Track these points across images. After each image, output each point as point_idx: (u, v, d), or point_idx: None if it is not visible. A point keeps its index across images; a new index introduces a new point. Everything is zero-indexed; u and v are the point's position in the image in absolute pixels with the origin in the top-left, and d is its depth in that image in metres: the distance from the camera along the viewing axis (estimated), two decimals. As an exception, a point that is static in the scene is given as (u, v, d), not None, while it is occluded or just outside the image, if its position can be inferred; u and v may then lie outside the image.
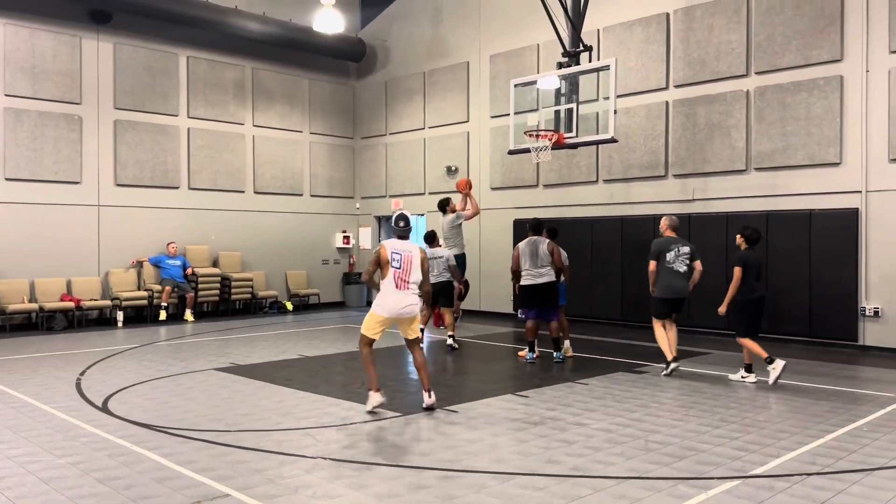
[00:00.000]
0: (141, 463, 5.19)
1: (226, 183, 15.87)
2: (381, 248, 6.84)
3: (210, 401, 7.25)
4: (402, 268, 6.72)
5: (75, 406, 6.99)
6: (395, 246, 6.81)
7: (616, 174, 13.27)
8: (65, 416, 6.56)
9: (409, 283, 6.75)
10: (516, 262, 9.55)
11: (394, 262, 6.71)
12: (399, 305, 6.72)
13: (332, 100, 17.92)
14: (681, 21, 12.39)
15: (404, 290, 6.74)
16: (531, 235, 9.59)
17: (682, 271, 8.73)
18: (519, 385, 8.02)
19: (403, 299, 6.73)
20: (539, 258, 9.37)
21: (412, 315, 6.83)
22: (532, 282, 9.39)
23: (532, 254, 9.41)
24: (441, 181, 16.35)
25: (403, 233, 6.98)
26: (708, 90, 12.09)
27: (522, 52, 14.62)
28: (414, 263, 6.77)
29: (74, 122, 13.73)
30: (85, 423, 6.32)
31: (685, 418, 6.52)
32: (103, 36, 14.16)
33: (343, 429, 6.18)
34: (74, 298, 13.24)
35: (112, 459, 5.27)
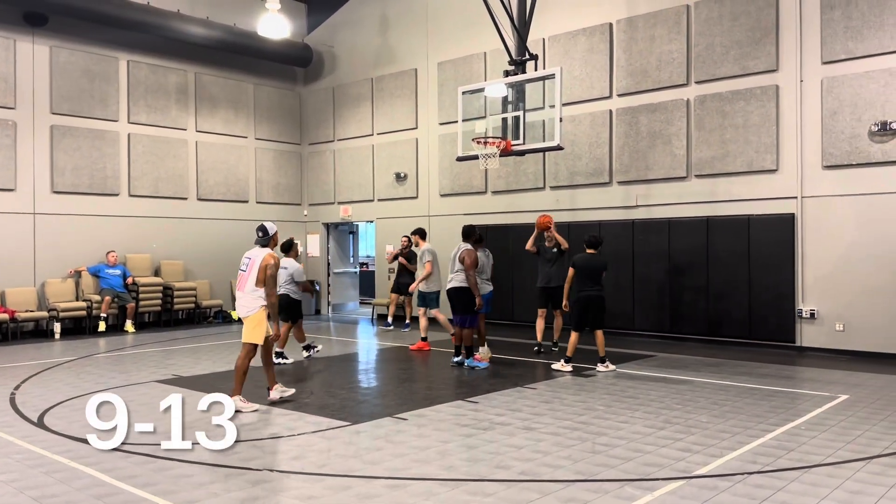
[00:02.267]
0: (79, 479, 5.02)
1: (168, 190, 15.50)
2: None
3: (151, 413, 7.03)
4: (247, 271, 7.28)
5: (9, 421, 6.72)
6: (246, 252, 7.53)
7: (562, 181, 13.45)
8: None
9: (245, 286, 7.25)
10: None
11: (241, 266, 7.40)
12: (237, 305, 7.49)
13: (279, 105, 17.70)
14: (623, 31, 12.66)
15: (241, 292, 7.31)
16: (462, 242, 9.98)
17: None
18: (469, 391, 8.04)
19: (239, 300, 7.40)
20: (454, 263, 9.81)
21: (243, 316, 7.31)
22: (447, 285, 9.93)
23: (453, 259, 9.86)
24: (390, 188, 16.30)
25: (260, 242, 7.51)
26: (650, 99, 12.37)
27: (470, 59, 14.72)
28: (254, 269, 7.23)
29: (8, 128, 13.22)
30: (19, 440, 6.07)
31: (631, 420, 6.63)
32: (39, 39, 13.69)
33: (290, 439, 6.08)
34: (8, 310, 12.73)
35: (49, 476, 5.08)
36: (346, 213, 17.31)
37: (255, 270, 7.16)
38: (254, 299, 7.18)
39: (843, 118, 10.51)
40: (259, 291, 7.16)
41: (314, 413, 7.01)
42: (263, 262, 7.15)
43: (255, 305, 7.18)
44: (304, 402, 7.56)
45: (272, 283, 7.14)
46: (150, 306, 14.68)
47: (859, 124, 10.36)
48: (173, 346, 12.11)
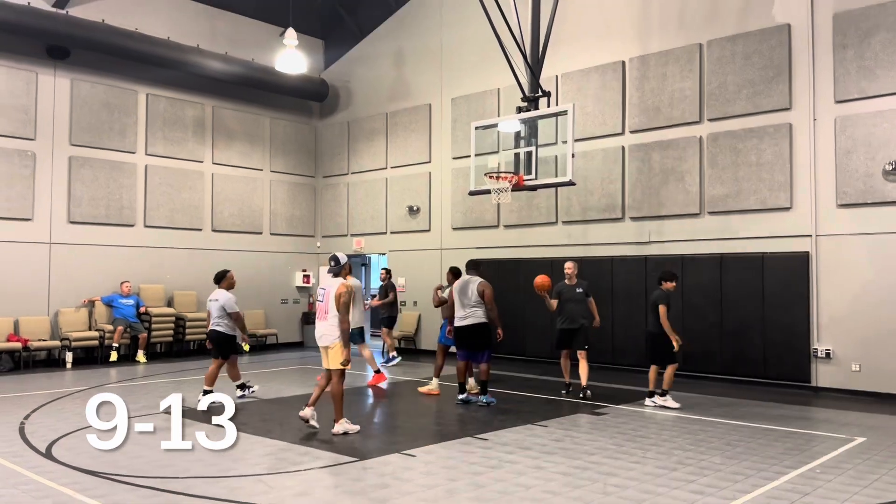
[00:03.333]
0: (84, 513, 4.99)
1: (183, 221, 15.65)
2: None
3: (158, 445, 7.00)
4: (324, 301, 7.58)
5: (18, 451, 6.71)
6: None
7: (575, 216, 13.46)
8: (5, 463, 6.29)
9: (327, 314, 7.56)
10: (450, 306, 9.84)
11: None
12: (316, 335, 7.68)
13: (294, 139, 17.91)
14: (636, 69, 12.76)
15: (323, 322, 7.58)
16: (466, 274, 9.77)
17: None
18: (478, 427, 7.95)
19: (320, 329, 7.61)
20: (467, 298, 9.40)
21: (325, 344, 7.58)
22: (461, 323, 9.44)
23: (461, 293, 9.47)
24: (403, 221, 16.37)
25: (333, 271, 7.81)
26: (662, 136, 12.41)
27: (483, 95, 14.86)
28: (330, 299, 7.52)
29: (27, 158, 13.45)
30: (27, 470, 6.06)
31: (643, 461, 6.53)
32: (61, 72, 13.98)
33: (297, 475, 6.03)
34: (22, 338, 12.80)
35: (53, 509, 5.05)
36: (359, 246, 17.37)
37: (333, 300, 7.49)
38: (336, 328, 7.49)
39: (857, 157, 10.48)
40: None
41: (321, 448, 6.96)
42: (336, 292, 7.45)
43: (337, 333, 7.49)
44: (310, 436, 7.50)
45: (344, 311, 7.48)
46: (163, 337, 14.72)
47: (873, 163, 10.32)
48: (183, 377, 12.11)
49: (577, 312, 9.93)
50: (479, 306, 9.35)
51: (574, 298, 10.01)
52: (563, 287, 10.11)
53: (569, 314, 9.96)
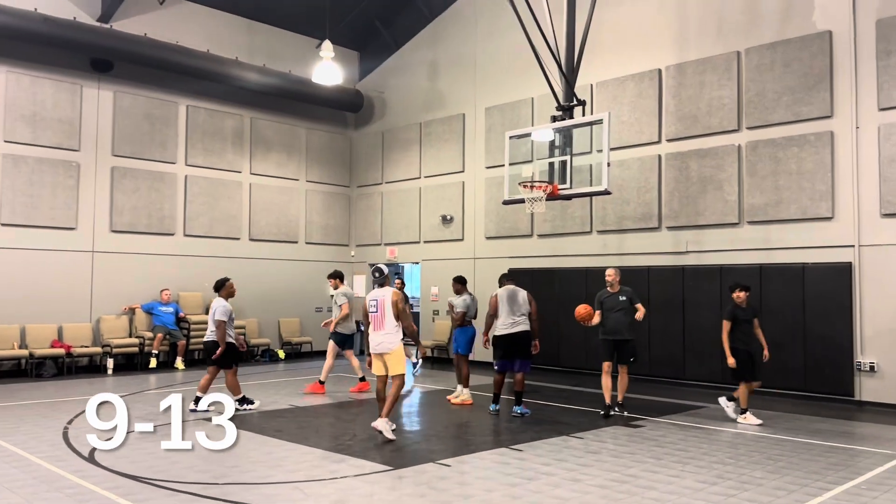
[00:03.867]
0: (126, 517, 5.08)
1: (221, 230, 15.91)
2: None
3: (197, 451, 7.09)
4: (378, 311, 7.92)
5: (61, 456, 6.86)
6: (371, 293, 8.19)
7: (610, 225, 13.36)
8: (50, 467, 6.44)
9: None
10: (494, 308, 9.51)
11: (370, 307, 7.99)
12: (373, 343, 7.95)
13: (329, 149, 18.11)
14: (673, 77, 12.65)
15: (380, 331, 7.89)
16: (507, 284, 9.74)
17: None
18: (513, 438, 7.91)
19: (376, 338, 7.92)
20: (517, 305, 9.40)
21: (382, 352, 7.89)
22: (507, 331, 9.37)
23: (510, 301, 9.42)
24: (436, 230, 16.42)
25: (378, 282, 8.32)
26: (700, 144, 12.27)
27: (517, 105, 14.86)
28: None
29: (72, 169, 13.81)
30: (70, 474, 6.19)
31: (681, 474, 6.43)
32: (104, 84, 14.35)
33: (333, 483, 6.07)
34: (65, 345, 13.11)
35: (96, 513, 5.15)
36: (393, 255, 17.46)
37: (388, 309, 7.87)
38: (395, 335, 7.86)
39: (901, 165, 10.24)
40: (399, 327, 7.86)
41: (356, 456, 6.99)
42: (393, 299, 7.90)
43: (396, 340, 7.87)
44: (346, 444, 7.55)
45: (406, 315, 8.04)
46: (200, 344, 14.92)
47: (919, 171, 10.07)
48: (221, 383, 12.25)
49: (621, 323, 9.27)
50: (527, 315, 9.41)
51: (617, 308, 9.32)
52: (605, 296, 9.49)
53: (612, 325, 9.31)
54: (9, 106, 13.12)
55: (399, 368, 7.81)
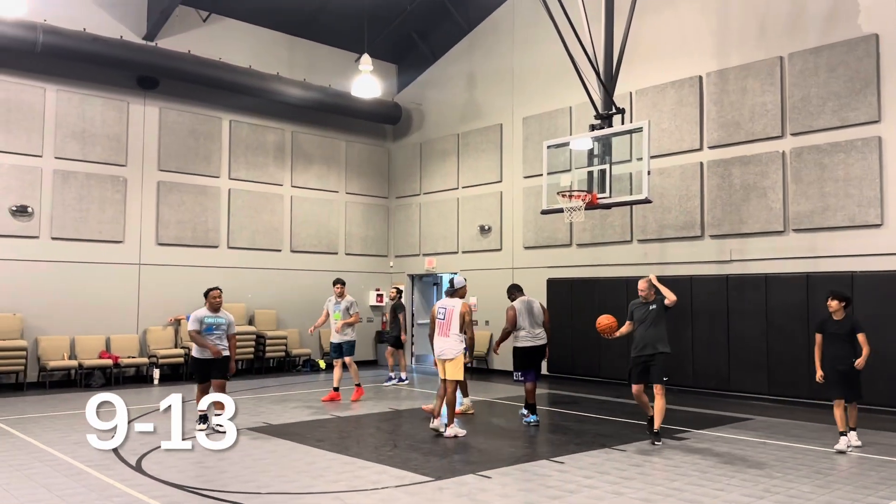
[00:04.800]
0: (172, 525, 5.17)
1: (263, 242, 16.17)
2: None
3: (242, 461, 7.23)
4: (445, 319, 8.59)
5: (110, 465, 7.01)
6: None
7: (651, 234, 13.21)
8: (99, 475, 6.59)
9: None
10: (513, 322, 9.38)
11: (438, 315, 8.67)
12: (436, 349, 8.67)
13: (368, 161, 18.29)
14: (714, 84, 12.48)
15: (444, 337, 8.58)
16: (519, 295, 9.65)
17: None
18: (554, 450, 7.85)
19: (441, 343, 8.63)
20: (535, 317, 9.41)
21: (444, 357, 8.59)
22: (532, 343, 9.35)
23: (528, 312, 9.40)
24: (474, 240, 16.43)
25: (448, 293, 8.92)
26: (743, 151, 12.07)
27: (555, 114, 14.82)
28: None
29: (119, 184, 14.19)
30: (119, 483, 6.33)
31: (727, 488, 6.30)
32: (150, 101, 14.73)
33: (374, 493, 6.09)
34: (113, 356, 13.44)
35: (144, 521, 5.26)
36: (431, 265, 17.51)
37: (455, 318, 8.54)
38: (457, 343, 8.54)
39: (955, 170, 9.92)
40: (462, 336, 8.54)
41: (397, 467, 7.01)
42: (462, 310, 8.57)
43: (458, 348, 8.54)
44: (387, 454, 7.58)
45: (470, 327, 8.67)
46: (244, 354, 15.17)
47: (974, 176, 9.75)
48: (263, 393, 12.44)
49: (649, 337, 8.32)
50: (542, 327, 9.49)
51: (647, 318, 8.39)
52: (635, 306, 8.65)
53: (638, 339, 8.43)
54: (59, 123, 13.56)
55: (457, 375, 8.55)
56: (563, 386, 13.55)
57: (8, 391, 12.36)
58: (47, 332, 13.12)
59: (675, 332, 12.47)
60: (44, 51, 12.68)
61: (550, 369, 14.52)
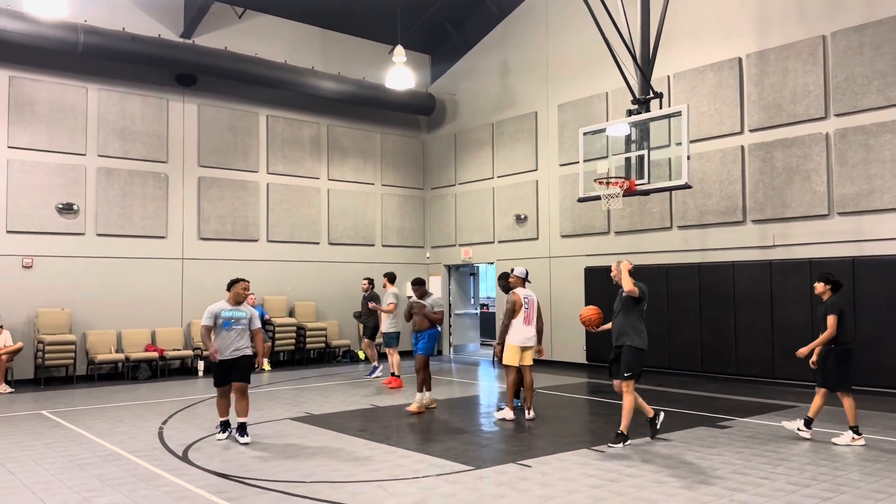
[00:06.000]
0: (219, 513, 5.28)
1: (302, 235, 16.36)
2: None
3: (285, 451, 7.34)
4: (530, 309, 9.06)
5: (157, 455, 7.19)
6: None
7: (691, 220, 13.01)
8: (147, 465, 6.76)
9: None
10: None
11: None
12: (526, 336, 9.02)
13: (403, 152, 18.33)
14: (754, 65, 12.21)
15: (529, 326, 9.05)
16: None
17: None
18: (595, 439, 7.81)
19: (527, 333, 9.06)
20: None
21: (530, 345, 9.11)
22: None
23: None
24: (510, 229, 16.38)
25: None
26: (785, 134, 11.80)
27: (591, 100, 14.66)
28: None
29: (161, 180, 14.47)
30: (166, 472, 6.48)
31: (772, 476, 6.20)
32: (188, 98, 14.97)
33: (416, 482, 6.14)
34: (158, 349, 13.74)
35: (192, 509, 5.38)
36: (467, 255, 17.51)
37: (536, 308, 9.18)
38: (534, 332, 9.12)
39: None
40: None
41: (438, 456, 7.06)
42: (537, 300, 9.29)
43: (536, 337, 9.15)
44: (427, 443, 7.62)
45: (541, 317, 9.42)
46: (285, 345, 15.39)
47: None
48: (305, 384, 12.60)
49: (616, 326, 7.71)
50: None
51: (618, 307, 7.78)
52: (619, 294, 7.93)
53: (612, 329, 7.85)
54: (101, 122, 13.87)
55: (529, 360, 9.15)
56: (603, 375, 13.43)
57: (58, 384, 12.74)
58: (95, 327, 13.48)
59: (717, 320, 12.35)
60: (85, 51, 12.96)
61: (589, 358, 14.46)
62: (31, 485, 6.10)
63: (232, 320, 7.76)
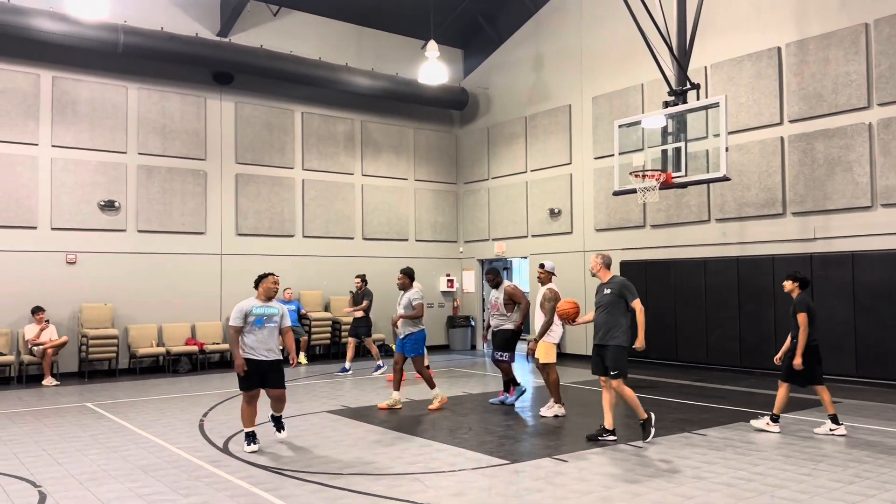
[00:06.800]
0: (259, 504, 5.38)
1: (337, 230, 16.50)
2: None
3: (323, 443, 7.43)
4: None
5: (198, 447, 7.33)
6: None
7: (729, 213, 12.81)
8: (189, 457, 6.90)
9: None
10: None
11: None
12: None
13: (436, 147, 18.36)
14: (793, 55, 11.96)
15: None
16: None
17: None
18: (631, 435, 7.75)
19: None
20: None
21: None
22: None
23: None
24: (544, 223, 16.30)
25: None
26: (826, 124, 11.55)
27: (626, 92, 14.51)
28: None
29: (200, 177, 14.71)
30: (207, 464, 6.61)
31: (814, 473, 6.09)
32: (226, 96, 15.19)
33: (452, 475, 6.17)
34: (198, 342, 13.99)
35: (233, 500, 5.48)
36: (501, 250, 17.49)
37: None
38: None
39: None
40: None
41: (473, 449, 7.08)
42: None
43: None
44: (462, 437, 7.65)
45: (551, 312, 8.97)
46: (321, 339, 15.56)
47: None
48: (341, 377, 12.72)
49: (600, 323, 7.44)
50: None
51: (601, 303, 7.48)
52: (597, 288, 7.66)
53: (595, 326, 7.55)
54: (141, 120, 14.14)
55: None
56: (639, 369, 13.34)
57: (102, 377, 13.06)
58: (136, 321, 13.78)
59: (756, 315, 12.17)
60: (125, 51, 13.22)
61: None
62: (77, 475, 6.28)
63: (264, 317, 7.20)
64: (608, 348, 7.31)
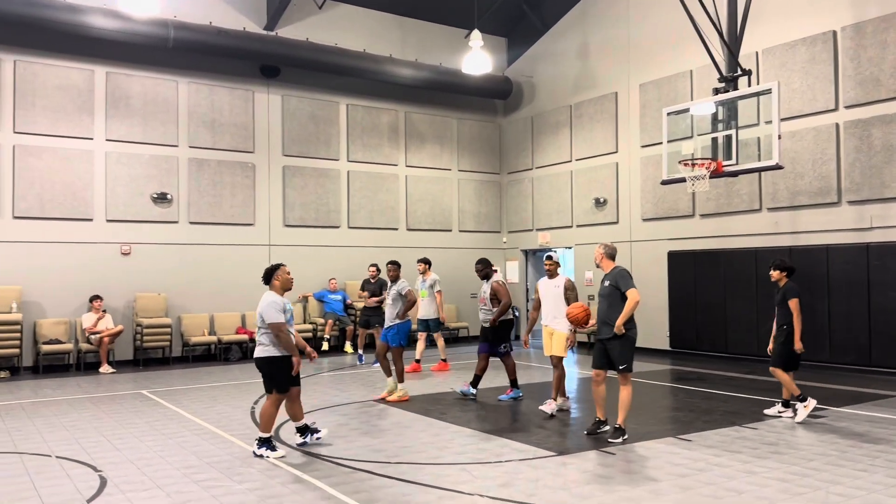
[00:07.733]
0: (311, 491, 5.48)
1: (381, 221, 16.62)
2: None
3: (371, 432, 7.53)
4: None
5: (250, 434, 7.49)
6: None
7: (782, 202, 12.50)
8: (242, 444, 7.06)
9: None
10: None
11: None
12: None
13: (479, 137, 18.32)
14: (849, 38, 11.58)
15: None
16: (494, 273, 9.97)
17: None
18: (680, 428, 7.67)
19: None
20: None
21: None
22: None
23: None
24: (589, 213, 16.15)
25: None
26: (884, 110, 11.16)
27: (674, 79, 14.24)
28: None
29: (248, 170, 14.96)
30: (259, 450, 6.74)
31: (870, 468, 5.95)
32: (272, 89, 15.39)
33: (498, 466, 6.19)
34: (248, 331, 14.27)
35: (284, 487, 5.60)
36: (545, 240, 17.38)
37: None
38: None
39: None
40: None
41: (520, 441, 7.08)
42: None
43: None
44: (508, 429, 7.66)
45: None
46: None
47: None
48: (386, 368, 12.81)
49: (601, 315, 7.22)
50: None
51: (600, 294, 7.33)
52: (601, 280, 7.49)
53: (597, 318, 7.34)
54: (191, 114, 14.43)
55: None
56: (687, 362, 13.17)
57: (156, 365, 13.43)
58: (189, 310, 14.12)
59: (809, 306, 11.86)
60: (175, 45, 13.49)
61: (673, 345, 14.17)
62: (135, 460, 6.49)
63: (291, 313, 6.76)
64: (613, 342, 7.09)
